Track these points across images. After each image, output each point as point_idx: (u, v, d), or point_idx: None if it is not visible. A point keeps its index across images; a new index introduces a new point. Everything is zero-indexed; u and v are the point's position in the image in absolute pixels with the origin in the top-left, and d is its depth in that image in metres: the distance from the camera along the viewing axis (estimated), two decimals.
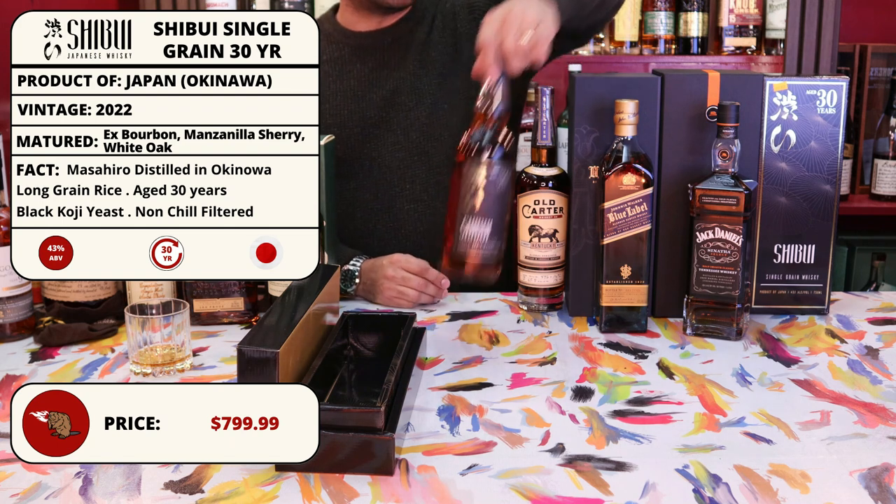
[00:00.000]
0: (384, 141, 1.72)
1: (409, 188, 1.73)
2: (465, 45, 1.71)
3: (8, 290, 1.36)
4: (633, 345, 1.36)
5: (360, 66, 1.74)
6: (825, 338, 1.39)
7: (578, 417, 1.11)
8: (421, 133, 1.72)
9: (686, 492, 0.94)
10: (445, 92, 1.72)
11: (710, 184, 1.35)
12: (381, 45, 1.74)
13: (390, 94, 1.72)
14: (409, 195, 1.74)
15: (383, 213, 1.73)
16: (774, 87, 1.42)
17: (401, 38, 1.74)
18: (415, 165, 1.73)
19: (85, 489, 0.95)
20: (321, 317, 1.21)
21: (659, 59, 2.48)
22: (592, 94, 1.42)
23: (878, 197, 2.55)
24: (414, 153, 1.73)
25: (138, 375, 1.24)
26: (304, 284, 1.22)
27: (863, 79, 2.57)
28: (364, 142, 1.73)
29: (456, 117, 1.71)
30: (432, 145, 1.73)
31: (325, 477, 0.97)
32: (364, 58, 1.74)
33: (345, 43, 1.76)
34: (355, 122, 1.72)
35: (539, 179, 1.47)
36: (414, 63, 1.73)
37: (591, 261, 1.46)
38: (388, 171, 1.73)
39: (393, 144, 1.72)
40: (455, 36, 1.74)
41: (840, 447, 1.04)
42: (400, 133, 1.72)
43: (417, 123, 1.72)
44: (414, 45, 1.73)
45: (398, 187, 1.73)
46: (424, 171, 1.73)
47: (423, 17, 1.75)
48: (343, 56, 1.75)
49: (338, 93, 1.73)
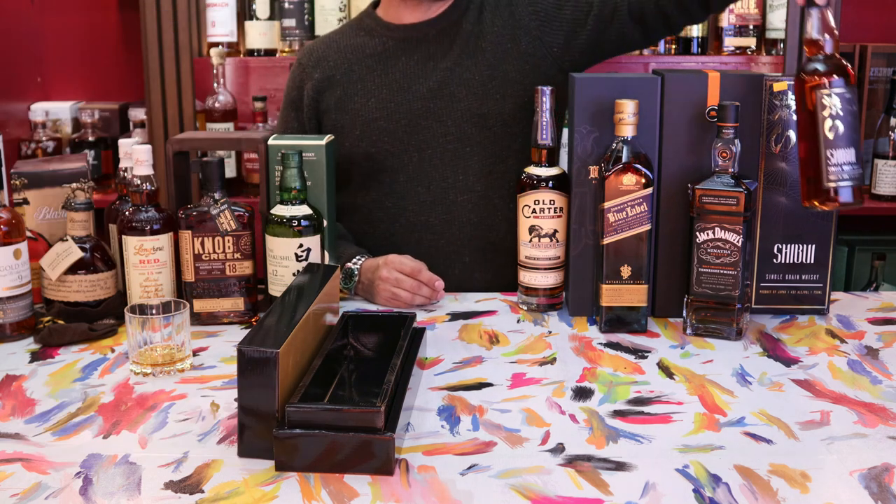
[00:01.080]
0: (433, 132, 1.71)
1: (463, 179, 1.72)
2: (522, 36, 1.71)
3: (8, 290, 1.36)
4: (633, 345, 1.36)
5: (405, 59, 1.73)
6: (825, 338, 1.39)
7: (578, 417, 1.11)
8: (472, 124, 1.70)
9: (686, 492, 0.94)
10: (499, 82, 1.70)
11: (710, 184, 1.35)
12: (427, 36, 1.73)
13: (438, 85, 1.71)
14: (462, 186, 1.72)
15: (436, 206, 1.71)
16: (774, 87, 1.42)
17: (447, 30, 1.73)
18: (467, 156, 1.71)
19: (85, 489, 0.95)
20: (321, 317, 1.21)
21: (659, 59, 2.48)
22: (592, 94, 1.42)
23: (878, 197, 2.55)
24: (466, 143, 1.71)
25: (138, 375, 1.24)
26: (304, 284, 1.22)
27: (863, 79, 2.57)
28: (412, 133, 1.71)
29: (510, 105, 1.70)
30: (484, 135, 1.71)
31: (325, 477, 0.97)
32: (409, 50, 1.74)
33: (388, 36, 1.75)
34: (402, 115, 1.71)
35: (539, 179, 1.47)
36: (462, 54, 1.71)
37: (591, 261, 1.46)
38: (439, 162, 1.71)
39: (443, 136, 1.71)
40: (512, 27, 1.72)
41: (840, 447, 1.04)
42: (450, 124, 1.71)
43: (468, 114, 1.70)
44: (461, 36, 1.72)
45: (450, 178, 1.71)
46: (477, 161, 1.71)
47: (469, 6, 1.74)
48: (387, 50, 1.75)
49: (383, 86, 1.73)
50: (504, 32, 1.72)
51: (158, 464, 1.00)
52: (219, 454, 1.02)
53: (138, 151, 1.41)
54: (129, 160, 1.50)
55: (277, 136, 1.49)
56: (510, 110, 1.70)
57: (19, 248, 1.37)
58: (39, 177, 1.55)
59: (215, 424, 1.10)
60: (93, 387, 1.21)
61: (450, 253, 1.71)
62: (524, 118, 1.67)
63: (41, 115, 2.59)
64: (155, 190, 1.41)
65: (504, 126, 1.70)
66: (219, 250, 1.42)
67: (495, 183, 1.72)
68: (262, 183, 1.47)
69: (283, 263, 1.40)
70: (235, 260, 1.42)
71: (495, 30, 1.72)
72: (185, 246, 1.41)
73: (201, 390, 1.20)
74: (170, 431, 1.08)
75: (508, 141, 1.71)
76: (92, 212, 1.45)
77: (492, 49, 1.71)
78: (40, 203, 1.55)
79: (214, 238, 1.41)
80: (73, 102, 2.73)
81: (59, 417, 1.12)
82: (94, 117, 2.60)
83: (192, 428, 1.09)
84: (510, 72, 1.70)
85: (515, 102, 1.70)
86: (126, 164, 1.51)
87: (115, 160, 2.50)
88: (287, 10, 2.49)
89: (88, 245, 1.43)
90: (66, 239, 1.42)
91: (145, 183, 1.40)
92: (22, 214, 1.48)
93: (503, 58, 1.71)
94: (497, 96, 1.70)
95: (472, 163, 1.71)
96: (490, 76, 1.70)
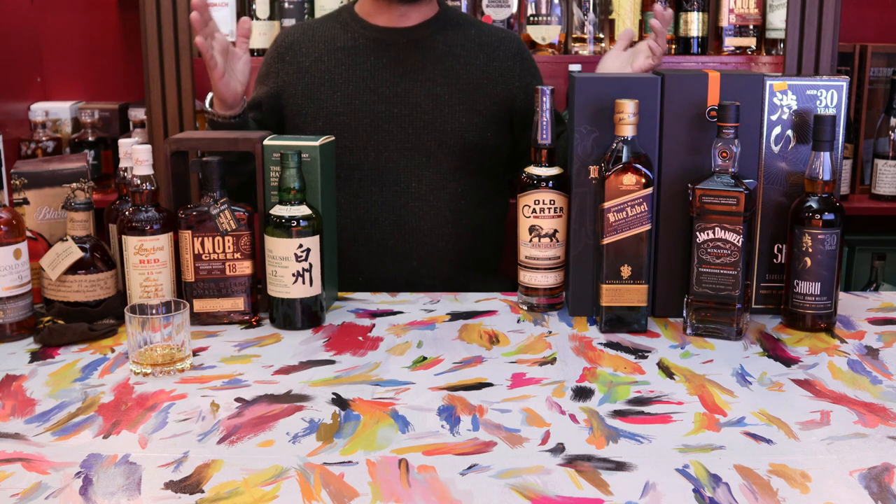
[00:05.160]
0: (393, 137, 1.75)
1: (416, 186, 1.76)
2: (518, 94, 1.81)
3: (8, 290, 1.36)
4: (633, 345, 1.36)
5: (373, 58, 1.77)
6: (825, 338, 1.39)
7: (578, 417, 1.11)
8: (432, 137, 1.75)
9: (686, 492, 0.94)
10: (467, 108, 1.76)
11: (710, 184, 1.35)
12: (398, 43, 1.77)
13: (405, 92, 1.75)
14: (414, 193, 1.76)
15: (386, 206, 1.75)
16: (774, 87, 1.42)
17: (418, 43, 1.78)
18: (422, 166, 1.76)
19: (85, 489, 0.95)
20: None
21: None
22: (592, 94, 1.42)
23: (878, 197, 2.55)
24: (423, 154, 1.76)
25: (138, 375, 1.24)
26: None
27: (863, 79, 2.56)
28: (372, 134, 1.76)
29: (473, 133, 1.77)
30: (442, 150, 1.76)
31: (324, 477, 0.97)
32: (378, 52, 1.77)
33: (360, 33, 1.79)
34: (366, 114, 1.75)
35: (539, 179, 1.47)
36: (436, 71, 1.76)
37: (591, 261, 1.46)
38: (394, 166, 1.75)
39: (402, 142, 1.75)
40: (504, 81, 1.80)
41: (840, 447, 1.04)
42: (411, 132, 1.75)
43: (430, 127, 1.75)
44: (434, 53, 1.77)
45: (404, 184, 1.76)
46: (432, 173, 1.76)
47: (445, 28, 1.80)
48: (357, 46, 1.78)
49: (350, 81, 1.76)
50: (494, 79, 1.79)
51: (158, 464, 1.00)
52: (219, 454, 1.02)
53: (138, 151, 1.41)
54: (129, 160, 1.50)
55: (274, 137, 1.49)
56: (473, 137, 1.76)
57: (19, 248, 1.37)
58: (39, 177, 1.55)
59: (215, 424, 1.10)
60: (93, 387, 1.21)
61: (398, 254, 1.76)
62: (484, 146, 1.77)
63: (41, 115, 2.59)
64: (155, 190, 1.41)
65: (463, 147, 1.76)
66: (219, 250, 1.42)
67: (447, 196, 1.77)
68: (259, 183, 1.47)
69: (283, 264, 1.40)
70: (235, 260, 1.42)
71: (477, 68, 1.78)
72: (185, 246, 1.41)
73: (201, 390, 1.20)
74: (170, 431, 1.08)
75: (465, 160, 1.78)
76: (92, 212, 1.45)
77: (470, 79, 1.77)
78: (40, 203, 1.55)
79: (214, 238, 1.41)
80: (73, 102, 2.73)
81: (59, 417, 1.12)
82: (94, 117, 2.59)
83: (192, 428, 1.09)
84: (479, 104, 1.77)
85: (479, 133, 1.77)
86: (126, 164, 1.51)
87: (115, 160, 2.50)
88: (287, 10, 2.48)
89: (88, 245, 1.43)
90: (66, 239, 1.42)
91: (145, 183, 1.40)
92: (22, 214, 1.48)
93: (482, 93, 1.77)
94: (463, 120, 1.76)
95: (427, 173, 1.76)
96: (460, 100, 1.76)
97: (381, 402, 1.16)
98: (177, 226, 1.42)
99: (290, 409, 1.14)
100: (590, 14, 2.46)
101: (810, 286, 1.38)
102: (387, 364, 1.29)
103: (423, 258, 1.77)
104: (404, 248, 1.76)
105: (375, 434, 1.07)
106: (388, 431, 1.08)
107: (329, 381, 1.22)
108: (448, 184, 1.77)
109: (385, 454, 1.02)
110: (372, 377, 1.24)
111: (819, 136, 1.36)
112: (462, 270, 1.80)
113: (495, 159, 1.83)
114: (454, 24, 1.82)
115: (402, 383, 1.22)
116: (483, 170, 1.81)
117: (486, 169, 1.82)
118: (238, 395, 1.18)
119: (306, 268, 1.40)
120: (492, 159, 1.82)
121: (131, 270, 1.40)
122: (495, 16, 2.45)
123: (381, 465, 1.00)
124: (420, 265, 1.77)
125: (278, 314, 1.43)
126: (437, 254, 1.78)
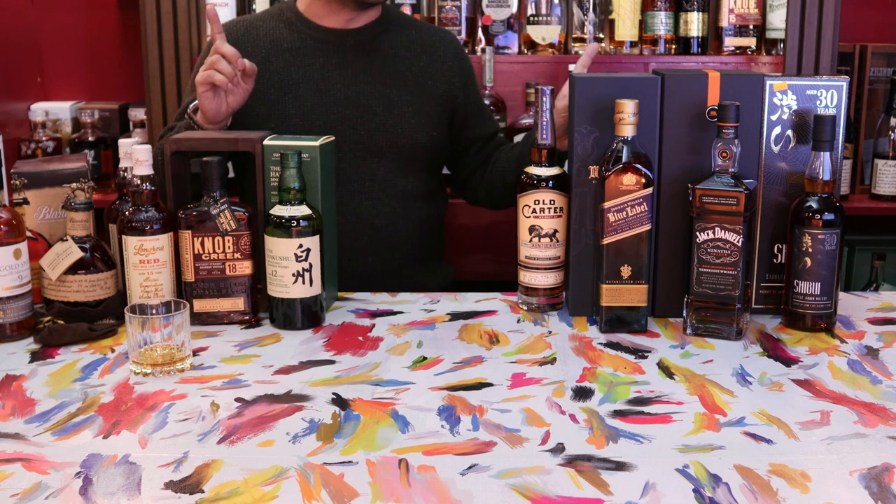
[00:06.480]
0: (346, 138, 1.76)
1: (369, 185, 1.79)
2: (458, 93, 1.85)
3: (8, 290, 1.36)
4: (633, 345, 1.36)
5: (322, 59, 1.78)
6: (825, 338, 1.39)
7: (578, 417, 1.11)
8: (384, 137, 1.79)
9: (686, 492, 0.94)
10: (416, 109, 1.80)
11: (710, 184, 1.35)
12: (345, 45, 1.79)
13: (356, 95, 1.77)
14: (367, 191, 1.79)
15: (342, 205, 1.76)
16: (774, 87, 1.42)
17: (364, 45, 1.80)
18: (375, 166, 1.79)
19: (85, 489, 0.95)
20: None
21: (659, 59, 2.47)
22: (592, 94, 1.42)
23: (878, 197, 2.55)
24: (375, 154, 1.79)
25: (138, 375, 1.24)
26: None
27: (863, 79, 2.56)
28: (326, 135, 1.75)
29: (423, 134, 1.80)
30: (394, 152, 1.80)
31: (324, 477, 0.97)
32: (327, 53, 1.79)
33: (307, 34, 1.80)
34: (318, 116, 1.76)
35: (539, 179, 1.47)
36: (384, 72, 1.79)
37: (590, 261, 1.46)
38: (347, 166, 1.77)
39: (355, 143, 1.78)
40: (447, 81, 1.84)
41: (840, 447, 1.04)
42: (363, 133, 1.78)
43: (382, 128, 1.78)
44: (380, 55, 1.80)
45: (356, 183, 1.79)
46: (384, 172, 1.80)
47: (389, 30, 1.82)
48: (305, 47, 1.79)
49: (300, 83, 1.77)
50: (439, 77, 1.83)
51: (158, 464, 1.00)
52: (219, 454, 1.02)
53: (138, 151, 1.41)
54: (129, 160, 1.50)
55: (274, 137, 1.49)
56: (422, 137, 1.81)
57: (19, 248, 1.37)
58: (39, 177, 1.55)
59: (215, 424, 1.10)
60: (93, 387, 1.21)
61: (354, 251, 1.77)
62: (431, 144, 1.82)
63: (41, 115, 2.59)
64: (155, 190, 1.41)
65: (413, 146, 1.81)
66: (219, 250, 1.42)
67: (399, 194, 1.82)
68: (258, 183, 1.47)
69: (283, 264, 1.40)
70: (235, 260, 1.42)
71: (421, 64, 1.82)
72: (185, 246, 1.41)
73: (201, 390, 1.20)
74: (170, 431, 1.08)
75: (414, 159, 1.82)
76: (92, 212, 1.45)
77: (416, 80, 1.81)
78: (40, 203, 1.55)
79: (214, 238, 1.41)
80: (73, 102, 2.73)
81: (59, 417, 1.12)
82: (93, 117, 2.59)
83: (192, 428, 1.09)
84: (426, 104, 1.81)
85: (426, 132, 1.81)
86: (126, 164, 1.51)
87: (115, 160, 2.50)
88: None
89: (88, 245, 1.43)
90: (66, 239, 1.42)
91: (145, 183, 1.40)
92: (22, 214, 1.48)
93: (429, 95, 1.81)
94: (412, 121, 1.79)
95: (379, 173, 1.79)
96: (409, 101, 1.79)
97: (381, 402, 1.16)
98: (177, 226, 1.42)
99: (290, 409, 1.14)
100: (590, 14, 2.46)
101: (810, 286, 1.38)
102: (387, 364, 1.29)
103: (377, 254, 1.80)
104: (359, 245, 1.78)
105: (375, 434, 1.07)
106: (388, 431, 1.08)
107: (329, 381, 1.23)
108: (398, 181, 1.81)
109: (385, 454, 1.02)
110: (372, 377, 1.24)
111: (819, 136, 1.37)
112: (411, 263, 1.85)
113: (439, 157, 1.90)
114: (396, 24, 1.85)
115: (402, 383, 1.22)
116: (428, 167, 1.87)
117: (432, 166, 1.88)
118: (238, 395, 1.18)
119: (306, 268, 1.40)
120: (437, 157, 1.88)
121: (131, 270, 1.40)
122: (495, 16, 2.45)
123: (381, 465, 1.00)
124: (374, 260, 1.80)
125: (278, 314, 1.43)
126: (390, 249, 1.81)
